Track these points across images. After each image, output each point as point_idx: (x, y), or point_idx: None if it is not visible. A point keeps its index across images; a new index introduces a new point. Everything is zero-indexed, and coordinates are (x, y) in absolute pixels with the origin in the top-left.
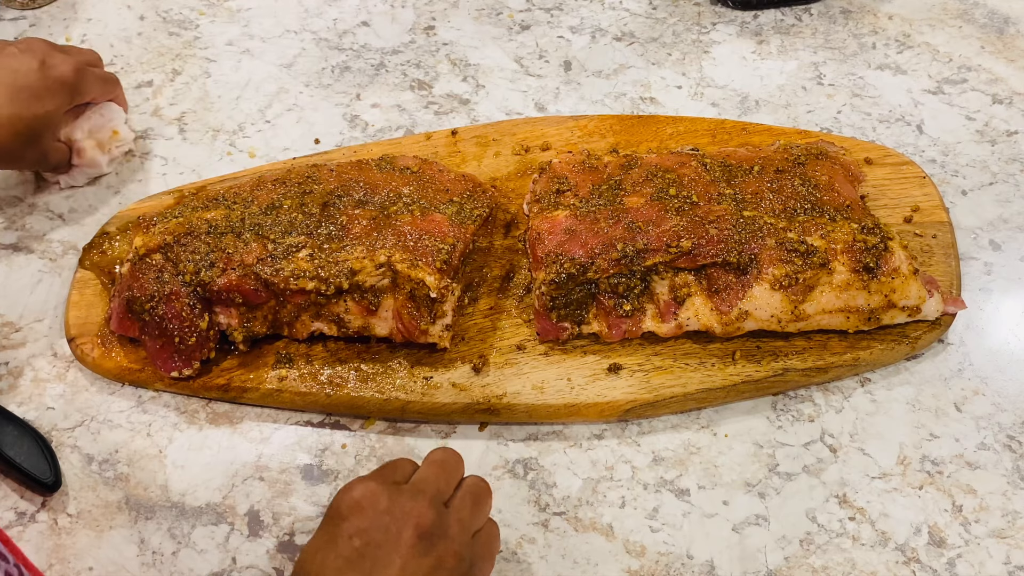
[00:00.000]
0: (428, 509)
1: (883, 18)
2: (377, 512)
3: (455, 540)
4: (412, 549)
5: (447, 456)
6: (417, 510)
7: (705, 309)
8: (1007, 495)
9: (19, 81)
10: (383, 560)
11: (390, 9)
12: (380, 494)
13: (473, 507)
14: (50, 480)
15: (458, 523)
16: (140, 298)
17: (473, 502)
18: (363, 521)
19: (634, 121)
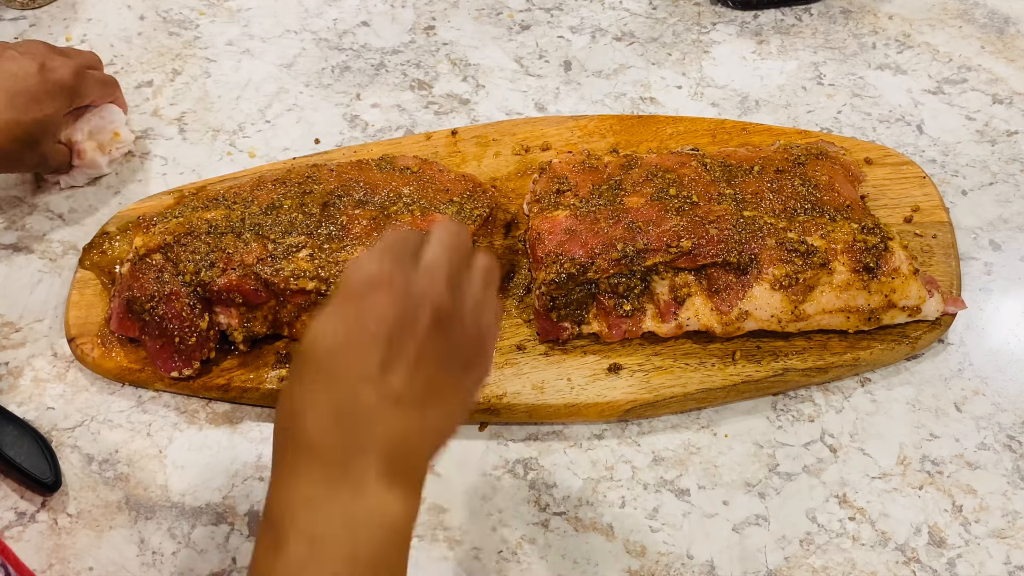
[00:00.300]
0: (443, 294)
1: (883, 18)
2: (393, 294)
3: (468, 324)
4: (428, 333)
5: (456, 235)
6: (433, 294)
7: (705, 309)
8: (1007, 495)
9: (18, 85)
10: (400, 344)
11: (390, 9)
12: (395, 275)
13: (484, 289)
14: (50, 480)
15: (471, 307)
16: (140, 298)
17: (484, 284)
18: (379, 303)
19: (634, 121)
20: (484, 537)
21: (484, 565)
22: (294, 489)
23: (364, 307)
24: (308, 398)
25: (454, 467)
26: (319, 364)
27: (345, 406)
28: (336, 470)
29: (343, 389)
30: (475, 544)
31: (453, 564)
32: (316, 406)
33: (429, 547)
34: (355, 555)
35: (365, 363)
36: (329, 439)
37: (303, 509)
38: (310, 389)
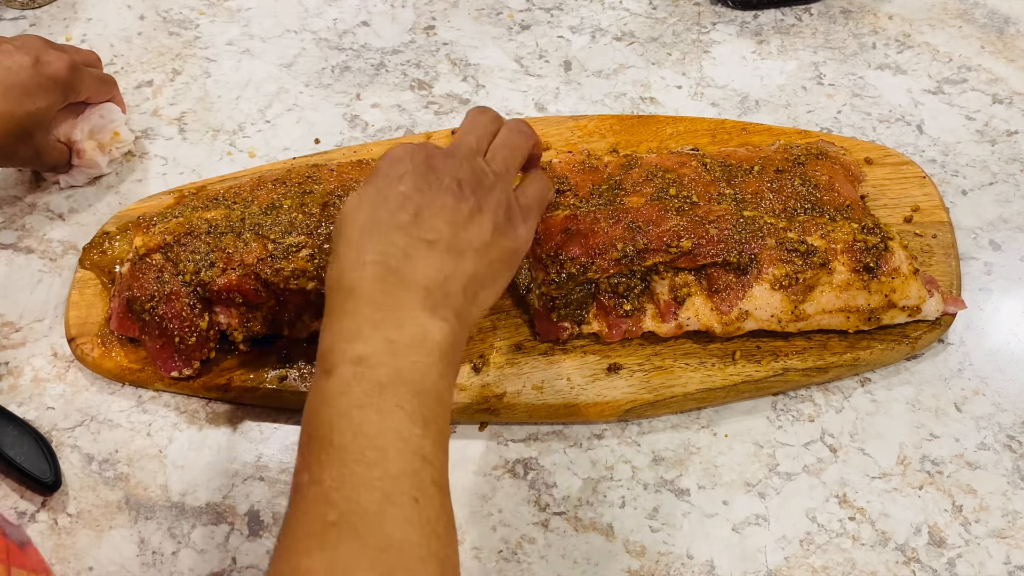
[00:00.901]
0: (464, 162)
1: (883, 18)
2: (416, 165)
3: (493, 188)
4: (451, 193)
5: (479, 116)
6: (454, 163)
7: (705, 309)
8: (1007, 495)
9: (11, 78)
10: (428, 202)
11: (390, 9)
12: (418, 151)
13: (509, 156)
14: (50, 480)
15: (494, 173)
16: (140, 298)
17: (508, 153)
18: (405, 171)
19: (634, 121)
20: (484, 537)
21: (484, 565)
22: (341, 327)
23: (392, 176)
24: (351, 254)
25: (454, 467)
26: (356, 226)
27: (383, 251)
28: (379, 306)
29: (380, 239)
30: (475, 544)
31: None
32: (358, 257)
33: None
34: (399, 372)
35: (397, 216)
36: (370, 281)
37: (349, 339)
38: (352, 247)
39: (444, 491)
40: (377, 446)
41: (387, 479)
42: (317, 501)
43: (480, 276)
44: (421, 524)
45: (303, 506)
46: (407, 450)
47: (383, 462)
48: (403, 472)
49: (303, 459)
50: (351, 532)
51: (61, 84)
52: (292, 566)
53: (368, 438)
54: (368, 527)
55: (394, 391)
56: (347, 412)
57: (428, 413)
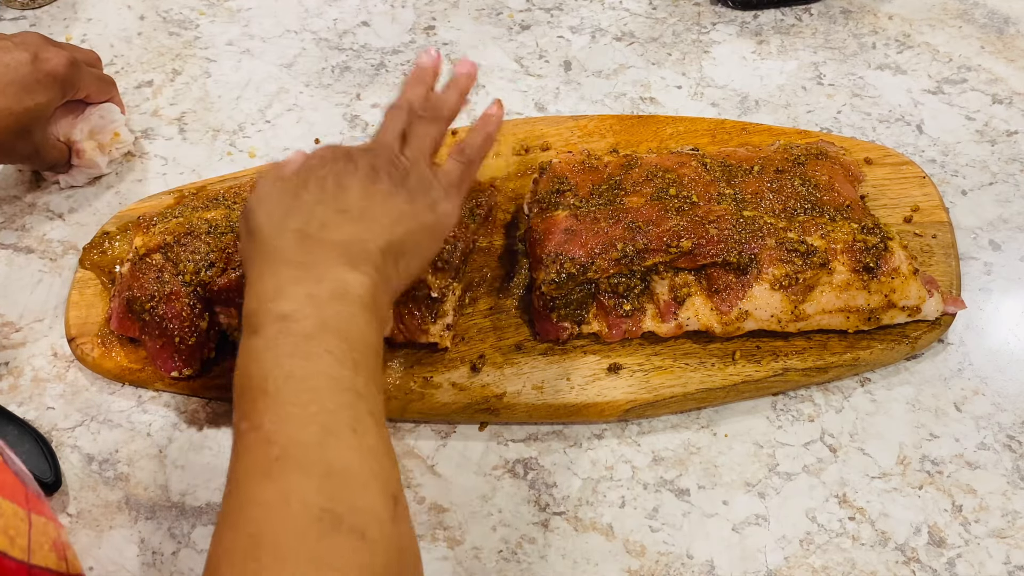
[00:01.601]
0: (379, 152)
1: (883, 18)
2: (336, 157)
3: (407, 172)
4: (367, 176)
5: (394, 114)
6: (370, 155)
7: (705, 309)
8: (1007, 495)
9: (10, 75)
10: (344, 184)
11: (390, 9)
12: (338, 148)
13: (420, 143)
14: (50, 480)
15: (408, 159)
16: (140, 298)
17: (419, 141)
18: (325, 163)
19: (634, 121)
20: (484, 537)
21: (484, 565)
22: (263, 287)
23: (313, 166)
24: (270, 227)
25: (454, 467)
26: (277, 205)
27: (303, 221)
28: (298, 265)
29: (300, 214)
30: (475, 544)
31: (453, 564)
32: (278, 229)
33: (429, 547)
34: (323, 323)
35: (316, 195)
36: (292, 245)
37: (272, 299)
38: (272, 221)
39: (380, 422)
40: (310, 387)
41: (324, 414)
42: (259, 442)
43: (398, 242)
44: (361, 451)
45: (246, 449)
46: (340, 388)
47: (318, 400)
48: (338, 406)
49: (240, 410)
50: (295, 464)
51: (60, 80)
52: (244, 498)
53: (300, 381)
54: (311, 457)
55: (321, 339)
56: (277, 362)
57: (357, 356)
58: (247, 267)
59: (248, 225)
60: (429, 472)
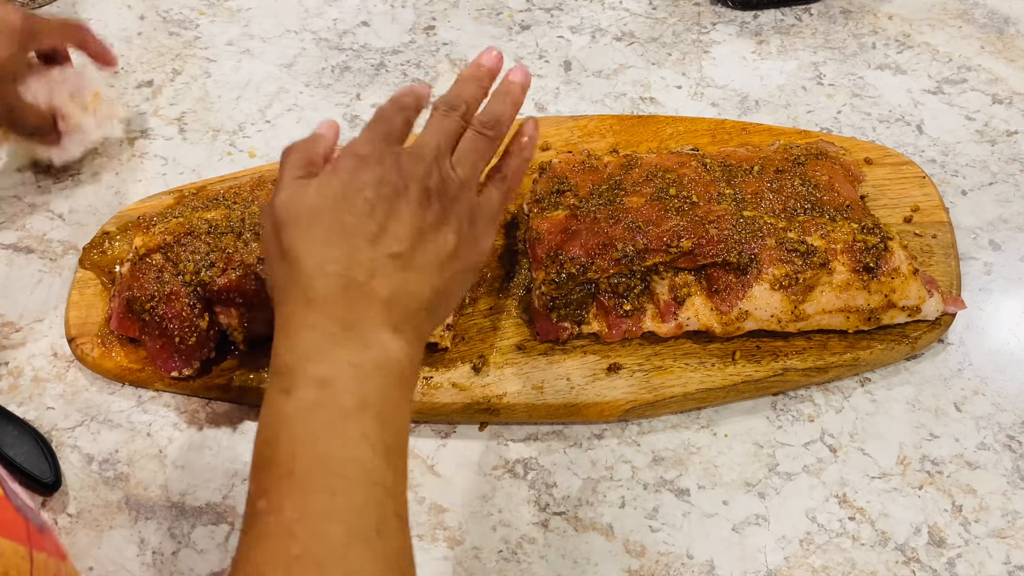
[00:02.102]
0: (431, 167)
1: (883, 18)
2: (386, 168)
3: (458, 196)
4: (418, 203)
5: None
6: (422, 169)
7: (705, 309)
8: (1007, 495)
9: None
10: (395, 211)
11: (390, 9)
12: (384, 154)
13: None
14: (50, 480)
15: (459, 179)
16: (140, 298)
17: (476, 158)
18: (370, 175)
19: (634, 121)
20: (484, 537)
21: (484, 565)
22: (301, 340)
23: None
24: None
25: (454, 467)
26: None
27: (347, 262)
28: (341, 322)
29: (344, 247)
30: (475, 544)
31: (453, 564)
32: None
33: (429, 547)
34: (364, 398)
35: (364, 224)
36: (333, 292)
37: (312, 358)
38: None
39: (405, 523)
40: (341, 475)
41: (351, 511)
42: (280, 533)
43: (441, 290)
44: (385, 559)
45: (264, 536)
46: (370, 481)
47: (347, 493)
48: (367, 502)
49: (259, 485)
50: (316, 568)
51: (17, 32)
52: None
53: (331, 468)
54: (333, 562)
55: (358, 419)
56: (310, 440)
57: (390, 440)
58: (278, 296)
59: (281, 244)
60: (429, 472)
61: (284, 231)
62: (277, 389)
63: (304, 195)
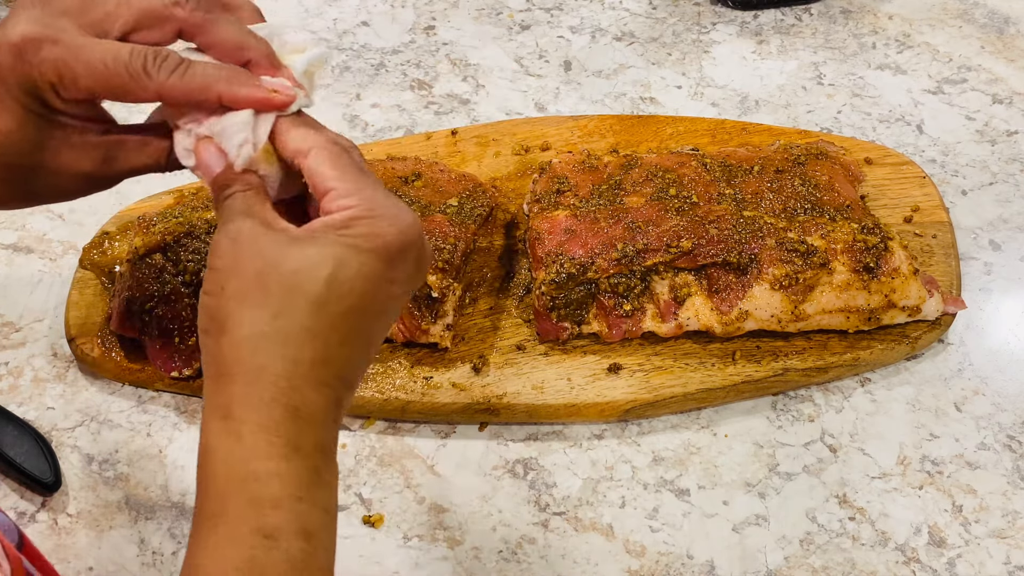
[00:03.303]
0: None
1: (883, 18)
2: (418, 269)
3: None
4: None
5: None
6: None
7: (705, 309)
8: (1007, 495)
9: None
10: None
11: (390, 9)
12: (424, 249)
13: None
14: (50, 480)
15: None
16: (140, 298)
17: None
18: (403, 271)
19: (634, 121)
20: (484, 537)
21: (484, 565)
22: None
23: (392, 273)
24: (310, 352)
25: (454, 467)
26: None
27: (344, 377)
28: (322, 451)
29: (353, 355)
30: (475, 544)
31: (453, 564)
32: (318, 371)
33: (429, 547)
34: (331, 556)
35: (372, 331)
36: (321, 412)
37: (302, 498)
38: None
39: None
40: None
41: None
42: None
43: None
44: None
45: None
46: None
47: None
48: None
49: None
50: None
51: None
52: None
53: None
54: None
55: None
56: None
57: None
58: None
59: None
60: (429, 472)
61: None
62: (255, 528)
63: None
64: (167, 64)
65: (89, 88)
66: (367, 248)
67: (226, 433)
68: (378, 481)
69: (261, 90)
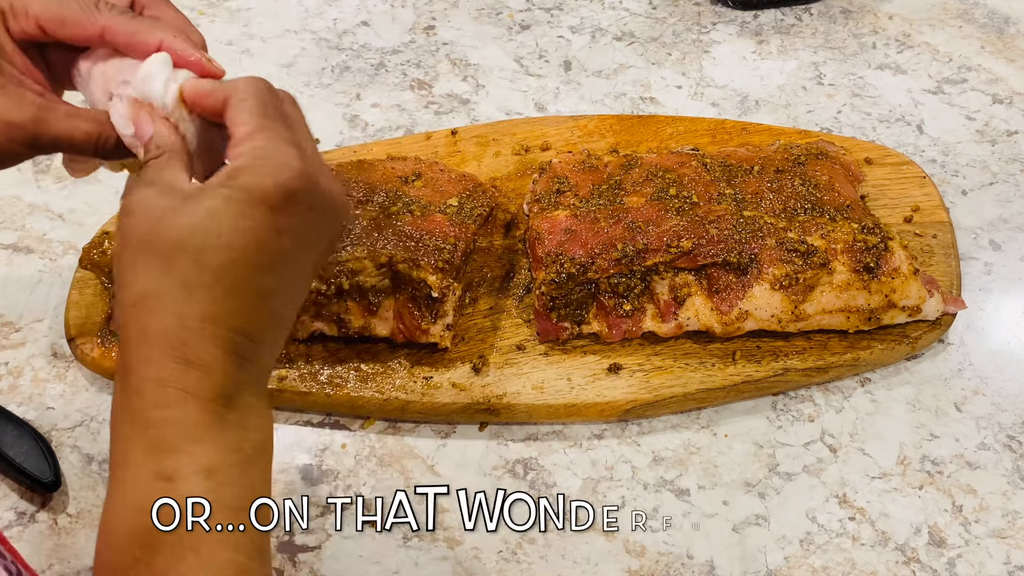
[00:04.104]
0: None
1: (883, 18)
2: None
3: None
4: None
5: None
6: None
7: (705, 309)
8: (1007, 495)
9: None
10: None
11: (390, 9)
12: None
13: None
14: (50, 480)
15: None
16: None
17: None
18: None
19: (634, 121)
20: (484, 537)
21: (484, 565)
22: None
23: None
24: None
25: (454, 467)
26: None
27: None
28: (220, 391)
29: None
30: (475, 544)
31: (453, 564)
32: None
33: (429, 547)
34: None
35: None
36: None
37: (198, 438)
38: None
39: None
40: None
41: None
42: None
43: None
44: None
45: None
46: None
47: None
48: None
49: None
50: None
51: None
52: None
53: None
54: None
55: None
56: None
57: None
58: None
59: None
60: (429, 472)
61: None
62: (154, 472)
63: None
64: (116, 8)
65: (38, 18)
66: (241, 199)
67: (127, 389)
68: (378, 481)
69: (199, 52)
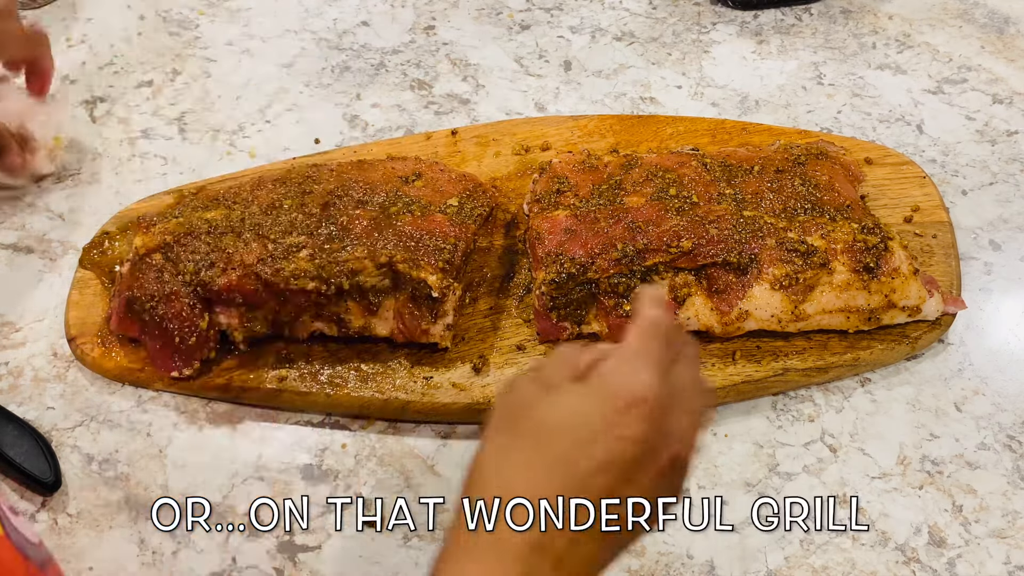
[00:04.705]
0: (692, 441)
1: (883, 18)
2: (651, 423)
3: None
4: (662, 474)
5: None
6: (686, 441)
7: (705, 309)
8: (1007, 495)
9: None
10: (633, 478)
11: (390, 9)
12: (660, 397)
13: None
14: (50, 480)
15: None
16: (140, 298)
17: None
18: (637, 425)
19: (634, 121)
20: None
21: None
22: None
23: (623, 419)
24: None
25: (454, 467)
26: (543, 436)
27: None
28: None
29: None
30: None
31: None
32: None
33: (429, 547)
34: None
35: (598, 478)
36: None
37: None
38: (527, 465)
39: None
40: None
41: None
42: None
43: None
44: None
45: None
46: None
47: None
48: None
49: None
50: None
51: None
52: None
53: None
54: None
55: None
56: None
57: None
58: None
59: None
60: (429, 472)
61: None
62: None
63: (555, 401)
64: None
65: None
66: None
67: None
68: (378, 481)
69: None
